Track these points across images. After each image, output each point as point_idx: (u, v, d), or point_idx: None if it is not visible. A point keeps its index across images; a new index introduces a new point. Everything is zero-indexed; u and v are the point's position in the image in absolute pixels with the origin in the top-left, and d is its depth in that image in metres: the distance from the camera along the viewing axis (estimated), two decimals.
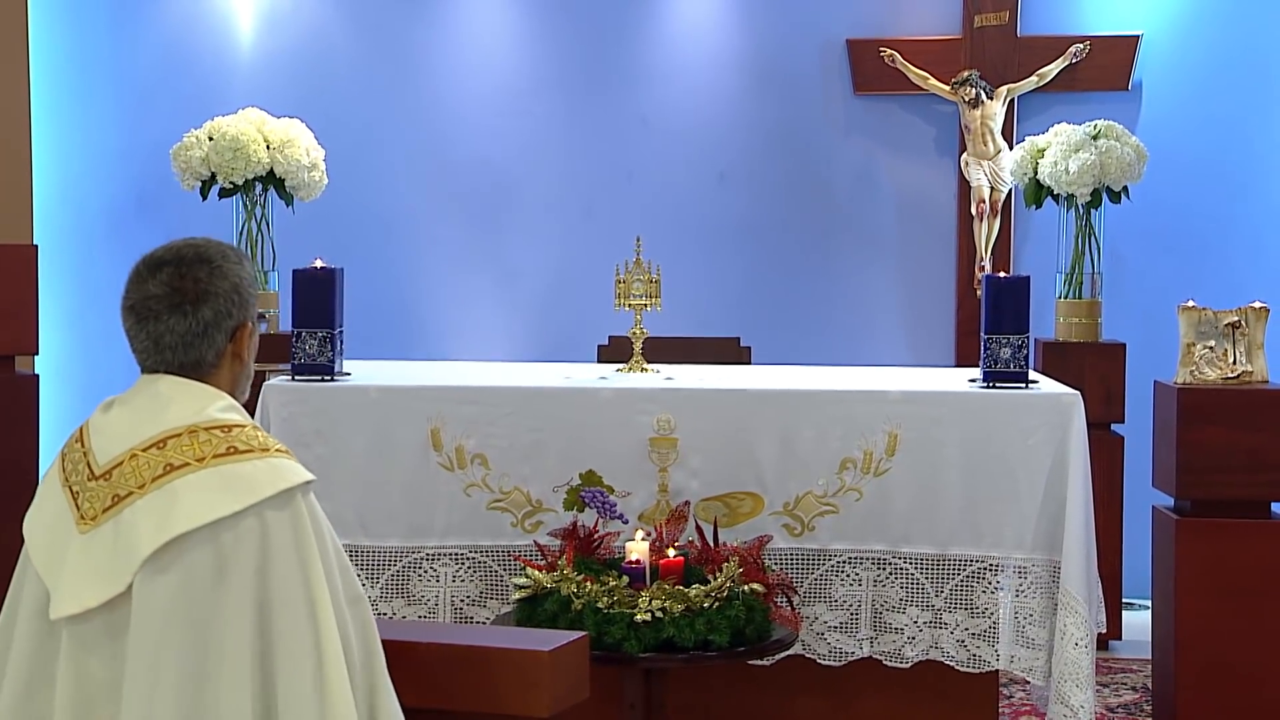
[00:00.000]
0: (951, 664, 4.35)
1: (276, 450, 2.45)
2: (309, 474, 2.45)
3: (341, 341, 4.50)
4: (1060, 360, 5.86)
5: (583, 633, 2.99)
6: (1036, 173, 6.01)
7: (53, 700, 2.38)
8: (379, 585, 4.31)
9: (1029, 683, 4.68)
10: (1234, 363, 4.77)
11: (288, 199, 5.97)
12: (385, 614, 4.29)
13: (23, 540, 2.49)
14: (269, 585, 2.36)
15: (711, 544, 4.12)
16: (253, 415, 3.05)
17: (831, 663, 4.36)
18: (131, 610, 2.34)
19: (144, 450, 2.41)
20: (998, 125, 6.54)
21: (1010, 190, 6.54)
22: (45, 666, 2.41)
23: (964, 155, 6.61)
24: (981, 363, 4.47)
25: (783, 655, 4.26)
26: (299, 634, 2.36)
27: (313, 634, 2.37)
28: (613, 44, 6.80)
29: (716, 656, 3.84)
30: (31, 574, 2.44)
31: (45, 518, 2.46)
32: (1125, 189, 5.94)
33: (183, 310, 2.48)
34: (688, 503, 4.26)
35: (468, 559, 4.35)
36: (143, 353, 2.51)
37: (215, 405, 2.47)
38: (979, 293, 6.27)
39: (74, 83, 6.61)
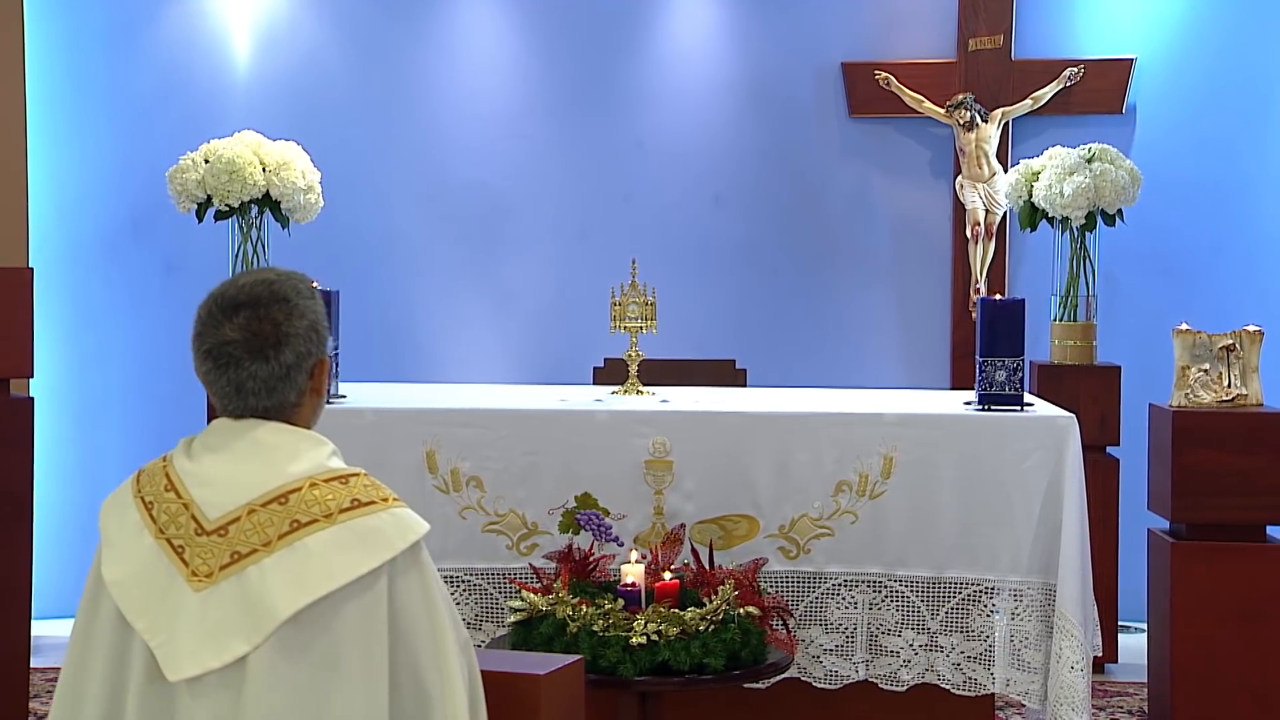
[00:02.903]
0: (947, 687, 4.34)
1: (394, 500, 2.42)
2: (425, 523, 2.42)
3: (337, 364, 4.50)
4: (1055, 383, 5.87)
5: (578, 656, 2.99)
6: (1031, 196, 6.01)
7: None
8: None
9: (1025, 706, 4.67)
10: (1229, 386, 4.77)
11: (284, 221, 5.97)
12: None
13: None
14: (400, 636, 2.35)
15: (707, 567, 4.12)
16: None
17: (827, 686, 4.36)
18: (259, 666, 2.28)
19: (263, 506, 2.35)
20: (992, 148, 6.56)
21: (1005, 213, 6.55)
22: None
23: (959, 178, 6.62)
24: (977, 385, 4.47)
25: (778, 678, 4.26)
26: (428, 685, 2.36)
27: (439, 685, 2.36)
28: (608, 67, 6.82)
29: (712, 680, 3.83)
30: (130, 632, 2.35)
31: (134, 573, 2.36)
32: (1120, 212, 5.95)
33: (264, 355, 2.41)
34: (683, 525, 4.26)
35: (463, 581, 4.35)
36: (223, 397, 2.43)
37: (324, 454, 2.43)
38: (974, 315, 6.27)
39: (70, 105, 6.61)
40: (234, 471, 2.39)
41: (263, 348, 2.41)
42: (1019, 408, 4.43)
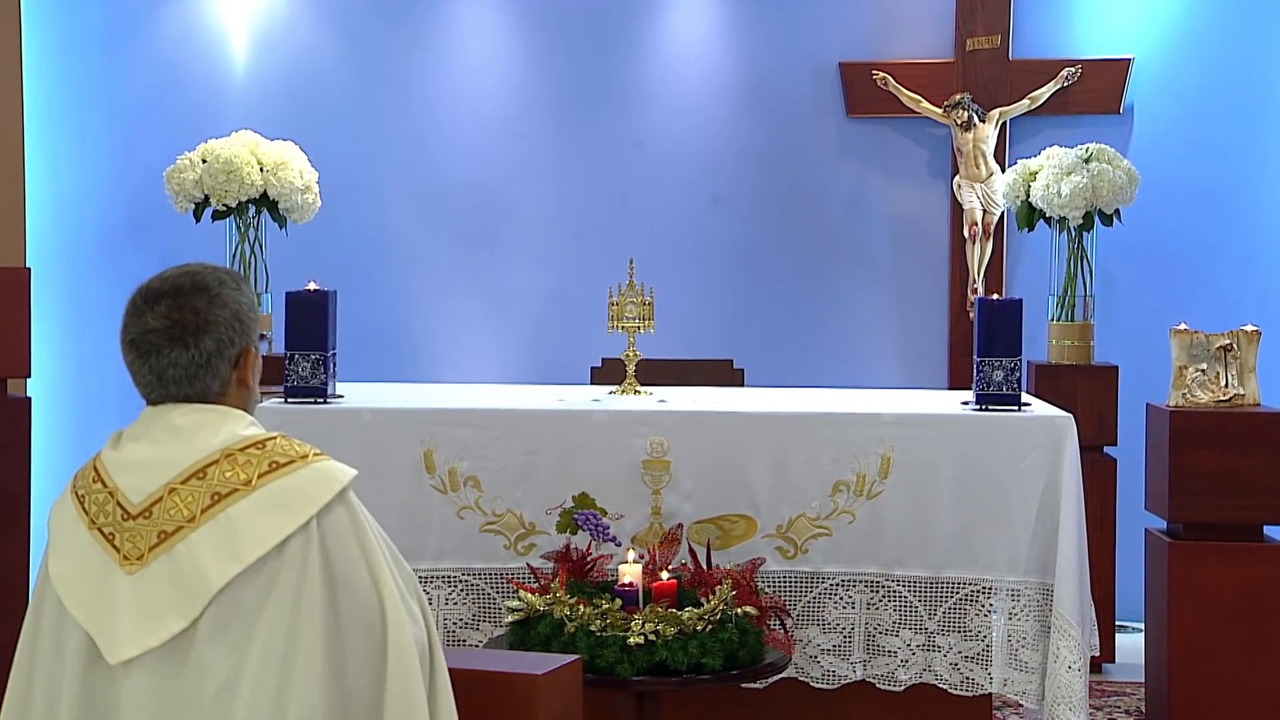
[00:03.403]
0: (945, 687, 4.34)
1: (314, 454, 2.45)
2: (351, 469, 2.46)
3: (334, 364, 4.51)
4: (1053, 383, 5.87)
5: (576, 656, 3.00)
6: (1028, 196, 6.02)
7: None
8: None
9: (1022, 706, 4.67)
10: (1226, 386, 4.78)
11: (281, 221, 5.97)
12: None
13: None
14: (336, 583, 2.38)
15: (704, 567, 4.12)
16: None
17: (825, 686, 4.36)
18: (199, 636, 2.33)
19: (182, 483, 2.40)
20: (990, 148, 6.56)
21: (1002, 213, 6.55)
22: (99, 708, 2.37)
23: (956, 178, 6.62)
24: (974, 385, 4.47)
25: (776, 678, 4.26)
26: (370, 624, 2.39)
27: (381, 622, 2.39)
28: (606, 67, 6.82)
29: (709, 680, 3.84)
30: (69, 622, 2.40)
31: (75, 565, 2.42)
32: (1117, 212, 5.95)
33: (184, 342, 2.45)
34: (681, 525, 4.26)
35: (460, 581, 4.35)
36: (146, 387, 2.48)
37: (240, 425, 2.47)
38: (971, 315, 6.28)
39: (68, 106, 6.61)
40: (153, 455, 2.44)
41: (182, 335, 2.46)
42: (1016, 408, 4.43)
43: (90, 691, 2.37)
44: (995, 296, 5.48)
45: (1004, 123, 6.60)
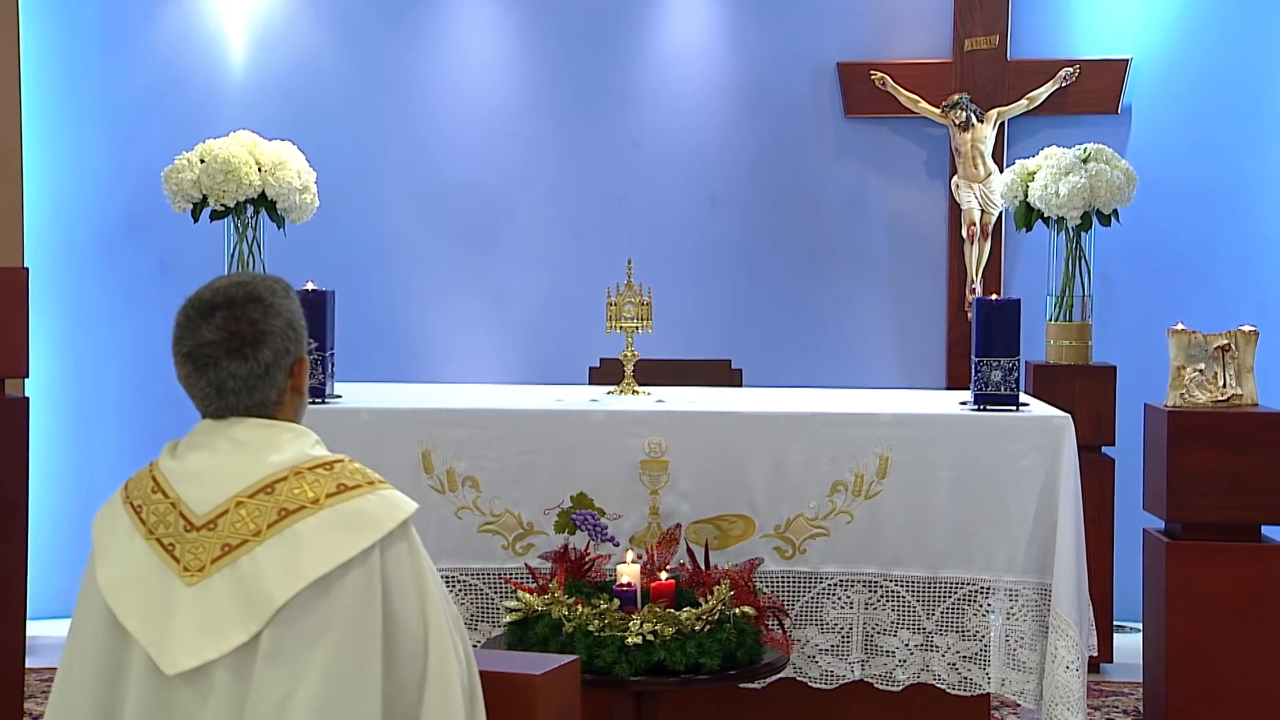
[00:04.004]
0: (943, 687, 4.35)
1: (380, 482, 2.45)
2: (413, 502, 2.45)
3: (332, 364, 4.51)
4: (1051, 383, 5.87)
5: (574, 656, 2.99)
6: (1027, 196, 6.02)
7: None
8: None
9: (1020, 706, 4.68)
10: (1223, 386, 4.78)
11: (279, 221, 5.96)
12: None
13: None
14: (392, 613, 2.37)
15: (703, 567, 4.12)
16: None
17: (823, 686, 4.36)
18: (259, 654, 2.31)
19: (250, 497, 2.38)
20: (988, 148, 6.56)
21: (1000, 213, 6.56)
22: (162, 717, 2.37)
23: (954, 178, 6.63)
24: (972, 385, 4.47)
25: (774, 678, 4.26)
26: (416, 657, 2.39)
27: (422, 662, 2.39)
28: (604, 67, 6.82)
29: (708, 680, 3.84)
30: (126, 636, 2.38)
31: (127, 575, 2.39)
32: (1115, 212, 5.96)
33: (242, 354, 2.43)
34: (679, 525, 4.27)
35: (459, 581, 4.35)
36: (204, 400, 2.45)
37: (307, 443, 2.46)
38: (970, 315, 6.28)
39: (66, 105, 6.61)
40: (218, 467, 2.42)
41: (240, 347, 2.44)
42: (1014, 408, 4.43)
43: (151, 706, 2.36)
44: (993, 296, 5.48)
45: (1002, 123, 6.60)
